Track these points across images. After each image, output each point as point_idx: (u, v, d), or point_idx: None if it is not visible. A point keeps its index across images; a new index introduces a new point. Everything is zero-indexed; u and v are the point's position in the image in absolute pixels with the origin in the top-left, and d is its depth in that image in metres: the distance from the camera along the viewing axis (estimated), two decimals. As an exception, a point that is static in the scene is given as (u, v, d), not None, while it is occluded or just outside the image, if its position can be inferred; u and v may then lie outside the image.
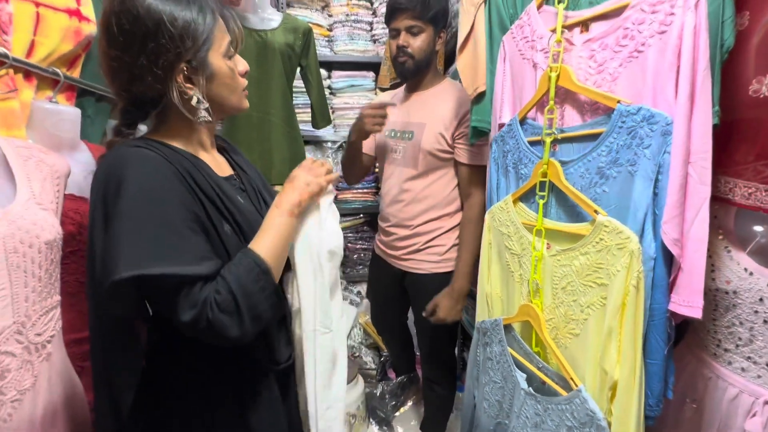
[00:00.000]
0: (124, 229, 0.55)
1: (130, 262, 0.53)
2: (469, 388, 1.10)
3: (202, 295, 0.56)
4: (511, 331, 0.97)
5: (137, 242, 0.54)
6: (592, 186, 0.76)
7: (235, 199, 0.67)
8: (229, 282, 0.58)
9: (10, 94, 0.77)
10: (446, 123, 1.24)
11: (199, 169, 0.64)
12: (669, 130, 0.64)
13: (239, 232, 0.66)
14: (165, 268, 0.54)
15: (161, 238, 0.55)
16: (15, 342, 0.62)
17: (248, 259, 0.60)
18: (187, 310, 0.56)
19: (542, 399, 0.82)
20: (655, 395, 0.68)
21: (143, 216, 0.55)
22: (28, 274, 0.63)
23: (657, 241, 0.66)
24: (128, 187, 0.56)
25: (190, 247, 0.57)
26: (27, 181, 0.67)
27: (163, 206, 0.57)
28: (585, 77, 0.78)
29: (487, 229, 1.03)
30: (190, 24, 0.60)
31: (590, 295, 0.74)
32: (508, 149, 0.97)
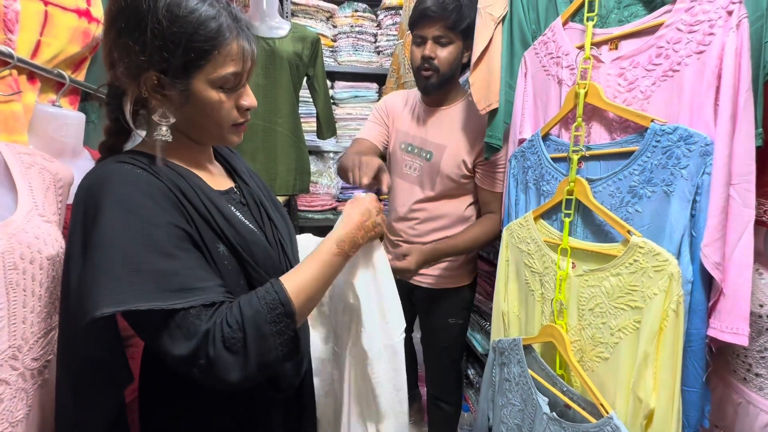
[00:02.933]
0: (105, 257, 0.48)
1: (112, 297, 0.47)
2: (483, 410, 1.06)
3: (203, 326, 0.49)
4: (531, 352, 0.94)
5: (120, 272, 0.48)
6: (624, 205, 0.75)
7: (232, 216, 0.61)
8: (244, 317, 0.51)
9: (13, 97, 0.72)
10: (468, 148, 1.18)
11: (192, 185, 0.58)
12: (708, 151, 0.63)
13: (234, 253, 0.59)
14: (153, 302, 0.47)
15: (148, 264, 0.49)
16: (9, 368, 0.56)
17: (274, 294, 0.54)
18: (183, 343, 0.49)
19: (568, 425, 0.79)
20: (692, 425, 0.66)
21: (126, 241, 0.49)
22: (27, 293, 0.57)
23: (695, 264, 0.65)
24: (108, 210, 0.50)
25: (183, 270, 0.51)
26: (29, 191, 0.62)
27: (149, 228, 0.51)
28: (614, 95, 0.77)
29: (505, 245, 1.01)
30: (185, 35, 0.52)
31: (622, 318, 0.72)
32: (529, 165, 0.95)
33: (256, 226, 0.67)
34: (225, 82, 0.57)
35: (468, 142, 1.19)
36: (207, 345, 0.49)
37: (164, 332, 0.49)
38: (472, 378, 1.56)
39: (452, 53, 1.14)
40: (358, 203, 0.70)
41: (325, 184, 1.89)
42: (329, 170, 1.92)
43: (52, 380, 0.62)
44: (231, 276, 0.59)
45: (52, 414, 0.60)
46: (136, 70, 0.54)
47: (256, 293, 0.54)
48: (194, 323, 0.49)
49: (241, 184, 0.72)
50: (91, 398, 0.56)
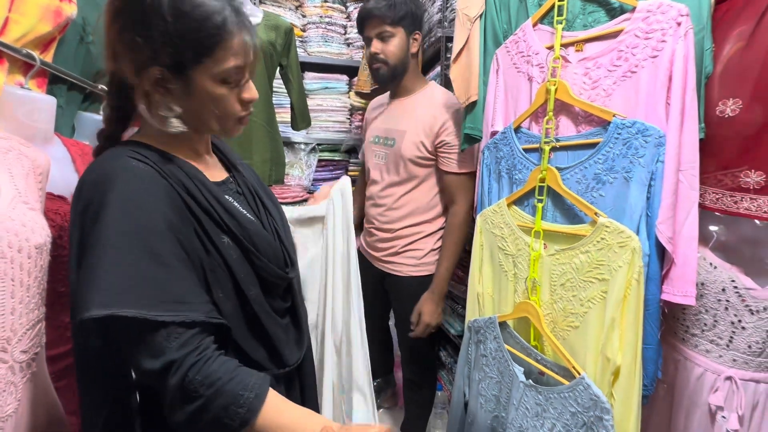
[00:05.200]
0: (101, 259, 0.48)
1: (103, 300, 0.47)
2: (459, 387, 1.13)
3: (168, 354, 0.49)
4: (506, 329, 1.02)
5: (114, 276, 0.48)
6: (589, 190, 0.84)
7: (232, 208, 0.63)
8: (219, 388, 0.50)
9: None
10: (426, 131, 1.27)
11: (193, 179, 0.59)
12: (661, 142, 0.73)
13: (238, 243, 0.61)
14: (140, 310, 0.47)
15: (142, 271, 0.49)
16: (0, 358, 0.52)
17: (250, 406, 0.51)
18: (150, 359, 0.49)
19: (543, 389, 0.87)
20: (649, 376, 0.76)
21: (124, 245, 0.49)
22: (15, 283, 0.53)
23: (651, 240, 0.75)
24: (110, 211, 0.50)
25: (176, 281, 0.51)
26: (10, 178, 0.57)
27: (149, 234, 0.50)
28: (579, 92, 0.86)
29: (479, 231, 1.08)
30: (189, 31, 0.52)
31: (590, 289, 0.82)
32: (501, 156, 1.03)
33: (253, 215, 0.68)
34: (228, 76, 0.57)
35: (426, 124, 1.27)
36: (171, 371, 0.49)
37: (138, 342, 0.49)
38: (444, 359, 1.64)
39: (396, 45, 1.25)
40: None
41: (297, 176, 1.87)
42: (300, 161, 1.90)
43: (40, 374, 0.59)
44: (237, 265, 0.60)
45: (41, 409, 0.57)
46: (139, 65, 0.53)
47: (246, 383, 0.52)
48: (162, 344, 0.49)
49: (236, 174, 0.72)
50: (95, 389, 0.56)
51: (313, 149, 1.96)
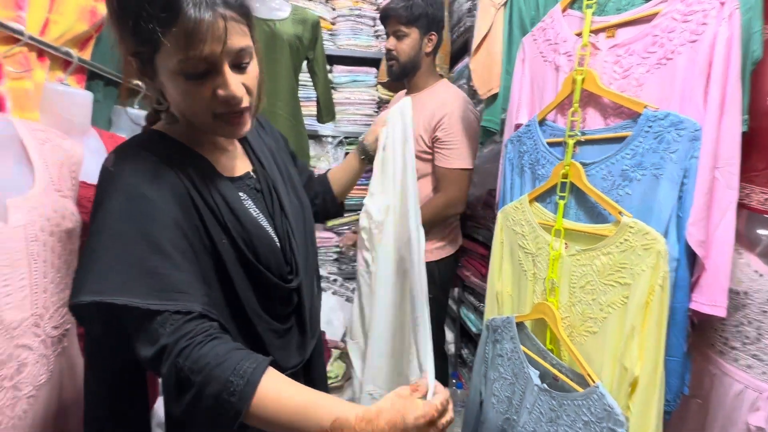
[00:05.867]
0: (100, 244, 0.48)
1: (94, 286, 0.47)
2: (475, 386, 1.11)
3: (162, 339, 0.47)
4: (523, 329, 0.98)
5: (109, 262, 0.47)
6: (615, 188, 0.78)
7: (238, 209, 0.59)
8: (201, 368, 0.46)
9: (24, 74, 0.72)
10: (425, 126, 1.30)
11: (202, 174, 0.57)
12: (697, 136, 0.67)
13: (235, 247, 0.58)
14: (132, 298, 0.46)
15: (139, 259, 0.48)
16: (32, 335, 0.58)
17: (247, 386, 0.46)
18: (146, 346, 0.48)
19: (557, 395, 0.84)
20: (673, 391, 0.71)
21: (122, 232, 0.48)
22: (47, 264, 0.59)
23: (681, 244, 0.69)
24: (113, 198, 0.50)
25: (172, 271, 0.49)
26: (45, 167, 0.63)
27: (149, 223, 0.49)
28: (609, 81, 0.80)
29: (500, 228, 1.04)
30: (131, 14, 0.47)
31: (611, 294, 0.76)
32: (524, 150, 0.98)
33: (266, 215, 0.65)
34: (185, 69, 0.50)
35: (426, 120, 1.30)
36: (163, 358, 0.47)
37: (135, 329, 0.49)
38: (466, 357, 1.61)
39: (409, 44, 1.31)
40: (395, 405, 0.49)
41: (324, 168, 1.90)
42: (327, 154, 1.93)
43: (71, 349, 0.64)
44: (233, 267, 0.57)
45: (70, 382, 0.63)
46: (123, 54, 0.52)
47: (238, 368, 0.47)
48: (157, 332, 0.47)
49: (257, 168, 0.69)
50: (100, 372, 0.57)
51: (340, 142, 1.98)
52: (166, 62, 0.50)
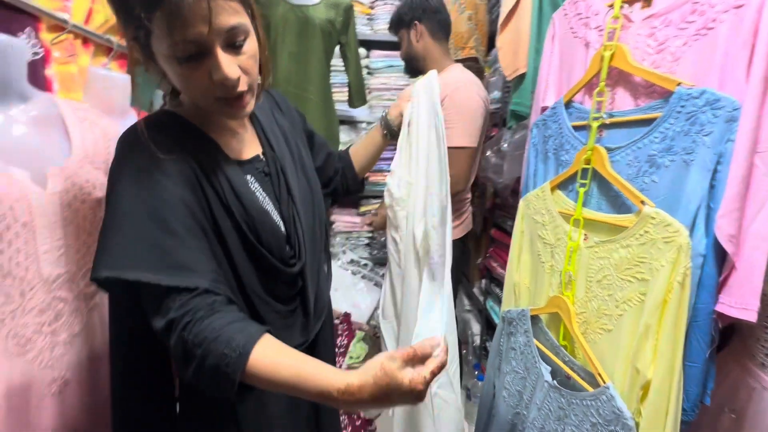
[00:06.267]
0: (113, 223, 0.51)
1: (109, 263, 0.50)
2: (489, 378, 1.08)
3: (171, 313, 0.50)
4: (538, 323, 0.94)
5: (121, 241, 0.50)
6: (640, 175, 0.71)
7: (243, 193, 0.59)
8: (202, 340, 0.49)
9: (69, 59, 0.80)
10: None
11: (209, 157, 0.58)
12: (735, 116, 0.58)
13: (238, 229, 0.59)
14: (144, 275, 0.49)
15: (148, 237, 0.50)
16: (67, 290, 0.66)
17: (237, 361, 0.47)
18: (158, 319, 0.51)
19: (567, 393, 0.79)
20: (691, 400, 0.64)
21: (133, 212, 0.51)
22: (80, 229, 0.67)
23: (709, 238, 0.61)
24: (124, 179, 0.52)
25: (181, 249, 0.51)
26: (81, 141, 0.70)
27: (158, 203, 0.51)
28: (642, 57, 0.72)
29: (521, 216, 1.00)
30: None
31: (628, 290, 0.70)
32: (549, 134, 0.92)
33: (273, 199, 0.66)
34: (176, 52, 0.49)
35: None
36: (172, 330, 0.50)
37: (149, 303, 0.52)
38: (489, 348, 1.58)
39: (404, 46, 1.44)
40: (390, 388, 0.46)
41: (356, 155, 1.92)
42: (360, 139, 1.94)
43: (102, 308, 0.72)
44: (236, 250, 0.59)
45: (102, 336, 0.70)
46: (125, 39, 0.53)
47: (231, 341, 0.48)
48: (167, 305, 0.50)
49: (267, 151, 0.68)
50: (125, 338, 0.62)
51: (375, 127, 1.98)
52: (159, 47, 0.50)
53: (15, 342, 0.62)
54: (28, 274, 0.62)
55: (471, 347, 1.87)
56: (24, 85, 0.69)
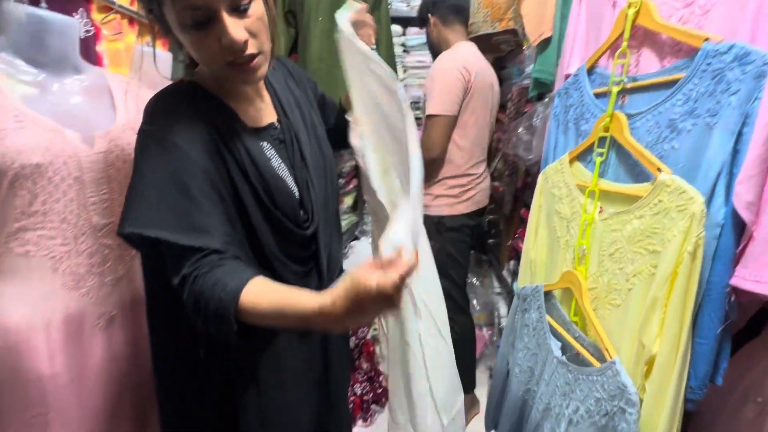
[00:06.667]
0: (138, 186, 0.56)
1: (134, 220, 0.54)
2: (503, 354, 1.08)
3: (184, 269, 0.54)
4: (551, 299, 0.92)
5: (145, 202, 0.55)
6: (660, 141, 0.67)
7: (259, 159, 0.62)
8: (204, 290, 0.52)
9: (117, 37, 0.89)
10: None
11: (227, 123, 0.61)
12: (765, 71, 0.53)
13: (255, 194, 0.62)
14: (163, 233, 0.53)
15: (169, 200, 0.55)
16: (112, 238, 0.77)
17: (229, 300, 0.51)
18: (174, 275, 0.55)
19: (574, 368, 0.78)
20: (699, 377, 0.60)
21: (156, 177, 0.55)
22: (122, 185, 0.76)
23: (728, 206, 0.56)
24: (149, 145, 0.57)
25: (198, 213, 0.55)
26: (125, 110, 0.79)
27: (179, 169, 0.55)
28: (669, 13, 0.67)
29: (539, 191, 0.97)
30: None
31: (639, 263, 0.67)
32: (570, 103, 0.88)
33: (288, 165, 0.69)
34: (184, 19, 0.53)
35: None
36: (185, 286, 0.54)
37: (168, 259, 0.57)
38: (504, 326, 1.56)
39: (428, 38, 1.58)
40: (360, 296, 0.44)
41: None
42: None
43: None
44: (254, 213, 0.62)
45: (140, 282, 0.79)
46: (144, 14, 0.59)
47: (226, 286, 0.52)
48: (183, 262, 0.54)
49: (282, 119, 0.71)
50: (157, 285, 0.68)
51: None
52: (170, 17, 0.53)
53: (71, 278, 0.73)
54: (80, 221, 0.73)
55: (497, 329, 1.85)
56: (78, 59, 0.79)
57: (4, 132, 0.63)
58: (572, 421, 0.76)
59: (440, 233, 1.46)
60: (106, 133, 0.76)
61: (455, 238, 1.46)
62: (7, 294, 0.69)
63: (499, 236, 1.93)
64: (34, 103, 0.68)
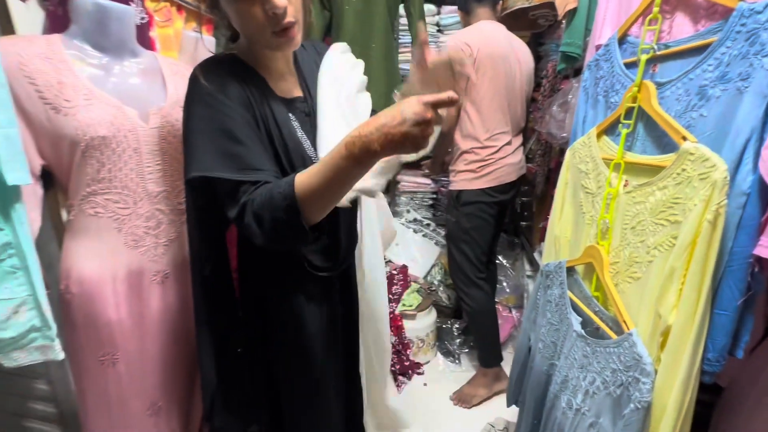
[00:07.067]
0: (193, 138, 0.64)
1: (197, 165, 0.62)
2: (525, 330, 1.09)
3: (243, 198, 0.61)
4: (573, 274, 0.92)
5: (203, 150, 0.62)
6: (689, 110, 0.65)
7: (285, 123, 0.69)
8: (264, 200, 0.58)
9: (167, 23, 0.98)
10: None
11: (261, 90, 0.67)
12: (801, 30, 0.50)
13: (276, 156, 0.67)
14: (222, 173, 0.61)
15: (222, 146, 0.62)
16: (165, 203, 0.86)
17: (287, 189, 0.57)
18: (233, 208, 0.62)
19: (592, 341, 0.78)
20: (717, 349, 0.59)
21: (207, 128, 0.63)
22: (173, 158, 0.85)
23: (756, 174, 0.55)
24: (196, 103, 0.64)
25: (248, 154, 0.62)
26: (175, 89, 0.88)
27: (225, 119, 0.62)
28: (706, -26, 0.64)
29: (566, 167, 0.96)
30: None
31: (660, 234, 0.66)
32: (601, 75, 0.86)
33: (310, 138, 0.74)
34: None
35: None
36: (244, 213, 0.60)
37: (226, 198, 0.63)
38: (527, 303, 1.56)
39: None
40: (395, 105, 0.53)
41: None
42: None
43: None
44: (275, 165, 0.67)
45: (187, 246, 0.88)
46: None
47: (277, 185, 0.59)
48: (240, 195, 0.61)
49: (306, 96, 0.77)
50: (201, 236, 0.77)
51: (441, 88, 1.95)
52: None
53: (131, 238, 0.84)
54: (138, 188, 0.83)
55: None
56: (134, 44, 0.88)
57: (77, 108, 0.73)
58: (588, 393, 0.77)
59: (456, 207, 1.50)
60: (159, 110, 0.85)
61: (471, 213, 1.48)
62: (82, 249, 0.81)
63: (532, 218, 1.89)
64: (99, 82, 0.78)
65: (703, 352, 0.60)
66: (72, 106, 0.73)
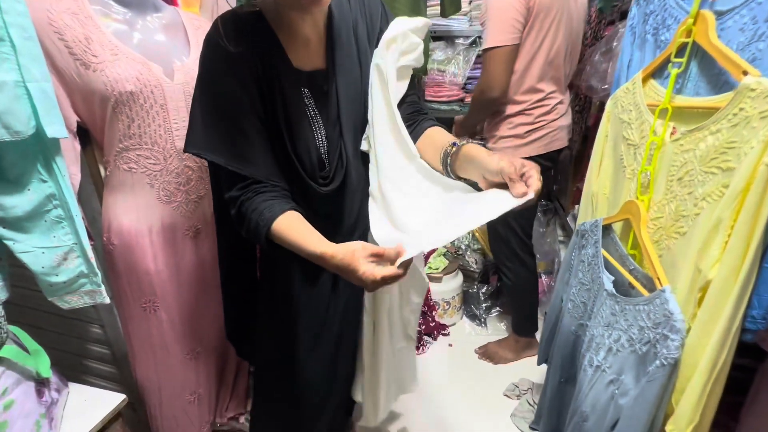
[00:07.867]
0: (197, 111, 0.65)
1: (194, 144, 0.65)
2: (557, 292, 1.06)
3: (232, 191, 0.66)
4: (610, 233, 0.87)
5: (201, 129, 0.65)
6: (755, 40, 0.57)
7: (292, 100, 0.66)
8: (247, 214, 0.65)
9: (188, -22, 0.97)
10: None
11: (273, 59, 0.65)
12: None
13: (279, 137, 0.67)
14: (214, 157, 0.65)
15: (220, 130, 0.64)
16: (193, 161, 0.90)
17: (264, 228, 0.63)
18: (226, 191, 0.67)
19: (621, 299, 0.75)
20: (763, 306, 0.55)
21: (209, 110, 0.64)
22: None
23: (831, 109, 0.47)
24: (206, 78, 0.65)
25: (245, 144, 0.64)
26: (197, 45, 0.88)
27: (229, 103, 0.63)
28: None
29: (606, 118, 0.88)
30: None
31: (710, 184, 0.60)
32: (651, 10, 0.77)
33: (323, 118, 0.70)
34: None
35: None
36: (232, 205, 0.67)
37: (223, 175, 0.67)
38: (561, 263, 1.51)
39: None
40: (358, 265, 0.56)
41: (452, 72, 1.82)
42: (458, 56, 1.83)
43: None
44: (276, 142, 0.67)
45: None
46: None
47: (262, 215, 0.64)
48: (231, 184, 0.66)
49: (330, 69, 0.70)
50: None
51: (473, 42, 1.83)
52: None
53: (164, 193, 0.87)
54: (167, 144, 0.85)
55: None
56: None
57: (104, 64, 0.75)
58: (612, 350, 0.75)
59: None
60: (182, 65, 0.86)
61: None
62: (119, 203, 0.86)
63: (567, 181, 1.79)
64: (123, 38, 0.79)
65: (746, 309, 0.55)
66: (100, 61, 0.75)
